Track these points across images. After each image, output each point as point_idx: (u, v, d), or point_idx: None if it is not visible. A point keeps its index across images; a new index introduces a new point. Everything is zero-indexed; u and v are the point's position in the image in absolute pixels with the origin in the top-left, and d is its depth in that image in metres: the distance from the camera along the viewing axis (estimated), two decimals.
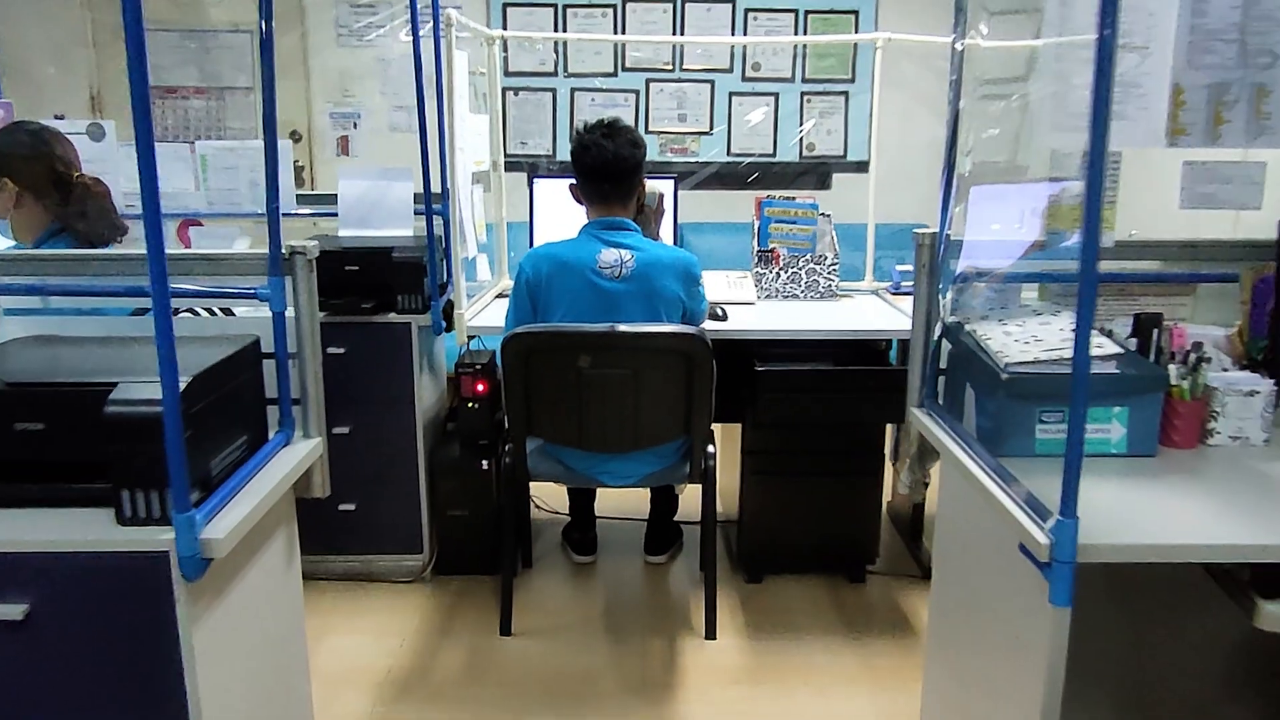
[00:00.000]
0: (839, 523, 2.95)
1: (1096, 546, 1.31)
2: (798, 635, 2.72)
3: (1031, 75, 1.82)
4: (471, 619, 2.80)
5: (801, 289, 3.21)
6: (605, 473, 2.59)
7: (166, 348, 1.24)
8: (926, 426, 1.85)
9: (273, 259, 1.62)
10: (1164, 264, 1.93)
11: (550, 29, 4.85)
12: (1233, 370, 1.73)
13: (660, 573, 3.11)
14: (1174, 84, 1.76)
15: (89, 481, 1.36)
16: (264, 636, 1.63)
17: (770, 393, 2.75)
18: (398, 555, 3.00)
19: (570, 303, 2.44)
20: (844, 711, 2.36)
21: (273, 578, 1.65)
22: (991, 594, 1.63)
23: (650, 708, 2.38)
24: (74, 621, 1.33)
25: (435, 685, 2.47)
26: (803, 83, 5.00)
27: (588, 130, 2.51)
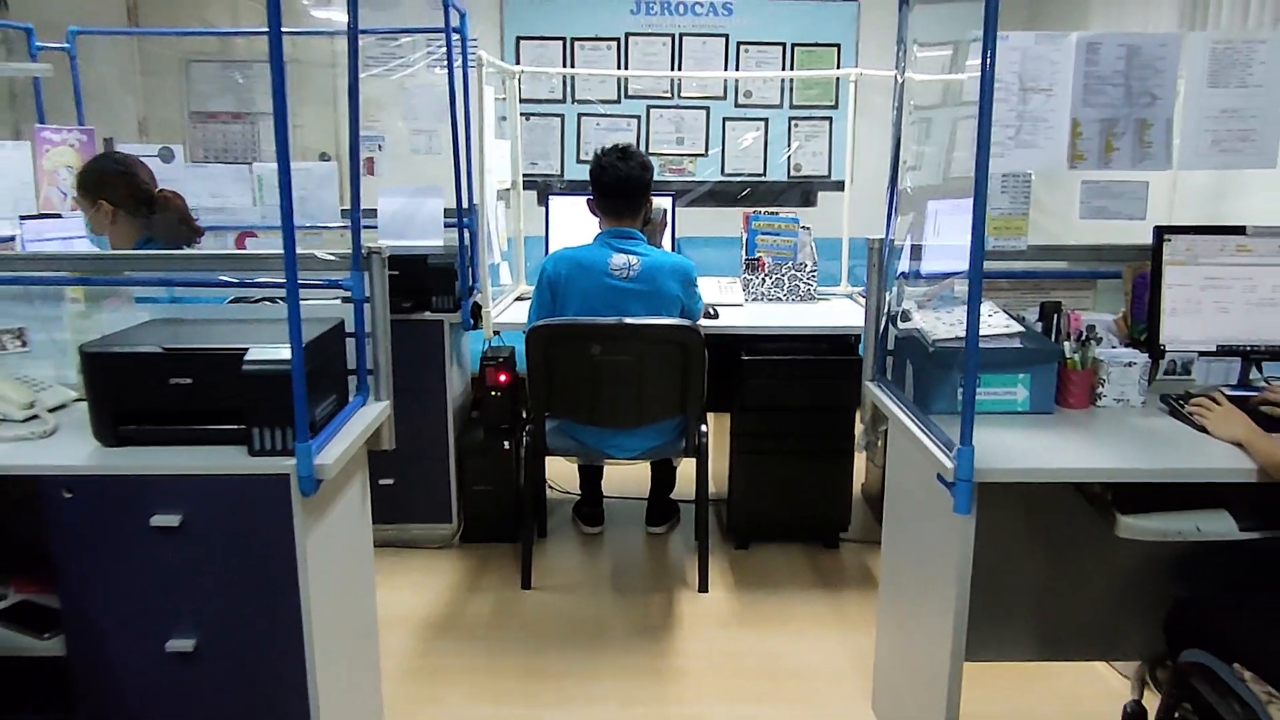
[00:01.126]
0: (816, 496, 3.36)
1: (991, 470, 1.74)
2: (779, 590, 3.14)
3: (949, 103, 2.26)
4: (496, 577, 3.22)
5: (784, 292, 3.64)
6: (613, 446, 3.01)
7: (295, 322, 1.68)
8: (877, 395, 2.28)
9: (355, 258, 2.05)
10: (1070, 263, 2.36)
11: (560, 60, 5.31)
12: (1119, 347, 2.16)
13: (660, 541, 3.53)
14: (1073, 119, 2.20)
15: (224, 424, 1.78)
16: (348, 551, 2.05)
17: (755, 379, 3.18)
18: (430, 524, 3.42)
19: (585, 299, 2.88)
20: (815, 647, 2.78)
21: (353, 508, 2.08)
22: (921, 523, 2.05)
23: (651, 644, 2.80)
24: (215, 528, 1.75)
25: (468, 627, 2.89)
26: (790, 109, 5.46)
27: (605, 154, 2.96)
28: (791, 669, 2.68)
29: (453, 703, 2.50)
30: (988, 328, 2.10)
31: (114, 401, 1.77)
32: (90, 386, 1.77)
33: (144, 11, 5.40)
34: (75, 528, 1.73)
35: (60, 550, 1.75)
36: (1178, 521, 1.79)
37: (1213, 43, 2.18)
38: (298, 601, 1.78)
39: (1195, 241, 2.16)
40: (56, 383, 2.10)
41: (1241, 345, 2.17)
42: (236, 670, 1.80)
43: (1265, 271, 2.15)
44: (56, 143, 3.34)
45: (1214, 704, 1.66)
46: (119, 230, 2.58)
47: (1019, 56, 2.18)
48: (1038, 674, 2.54)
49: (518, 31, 5.33)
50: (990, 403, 2.06)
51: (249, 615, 1.78)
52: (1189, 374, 2.18)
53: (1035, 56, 2.20)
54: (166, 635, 1.78)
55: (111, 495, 1.73)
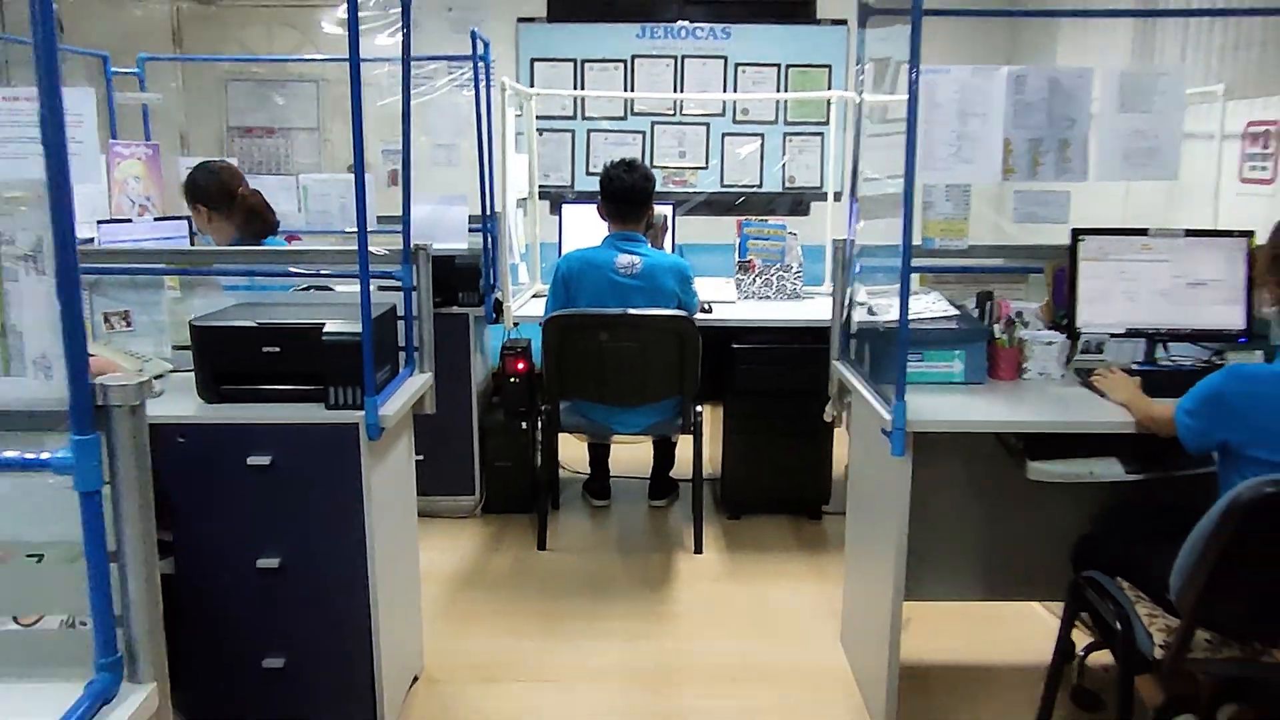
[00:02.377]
0: (800, 473, 3.77)
1: (923, 421, 2.16)
2: (765, 552, 3.55)
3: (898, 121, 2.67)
4: (515, 540, 3.64)
5: (773, 291, 4.06)
6: (619, 423, 3.44)
7: (365, 303, 2.11)
8: (841, 372, 2.70)
9: (405, 254, 2.48)
10: (1005, 260, 2.78)
11: (571, 80, 5.76)
12: (1042, 330, 2.58)
13: (660, 513, 3.95)
14: (1005, 139, 2.62)
15: (305, 385, 2.21)
16: (399, 493, 2.47)
17: (745, 366, 3.60)
18: (455, 496, 3.84)
19: (594, 293, 3.31)
20: (795, 597, 3.19)
21: (403, 459, 2.51)
22: (873, 474, 2.47)
23: (652, 593, 3.22)
24: (298, 467, 2.17)
25: (491, 581, 3.31)
26: (785, 125, 5.90)
27: (612, 167, 3.39)
28: (773, 613, 3.10)
29: (480, 637, 2.92)
30: (930, 312, 2.52)
31: (217, 365, 2.20)
32: (198, 353, 2.20)
33: (187, 35, 5.86)
34: (186, 466, 2.16)
35: (173, 486, 2.17)
36: (1076, 466, 2.21)
37: (1121, 74, 2.60)
38: (363, 527, 2.20)
39: (1106, 241, 2.58)
40: (156, 357, 2.53)
41: (1145, 328, 2.58)
42: (313, 583, 2.22)
43: (1164, 266, 2.57)
44: (126, 156, 3.77)
45: (1098, 607, 2.08)
46: (216, 228, 3.03)
47: (958, 87, 2.60)
48: (984, 615, 2.94)
49: (532, 54, 5.78)
50: (932, 374, 2.47)
51: (323, 537, 2.20)
52: (1102, 353, 2.59)
53: (972, 87, 2.62)
54: (257, 555, 2.20)
55: (216, 440, 2.16)
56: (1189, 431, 1.94)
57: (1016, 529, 2.68)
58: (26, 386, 1.02)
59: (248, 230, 3.02)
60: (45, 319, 1.01)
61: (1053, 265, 2.64)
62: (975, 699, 2.59)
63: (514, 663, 2.78)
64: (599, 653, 2.84)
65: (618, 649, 2.87)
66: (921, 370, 2.46)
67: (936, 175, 2.63)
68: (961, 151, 2.63)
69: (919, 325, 2.48)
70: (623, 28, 5.78)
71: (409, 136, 2.49)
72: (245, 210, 3.02)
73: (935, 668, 2.74)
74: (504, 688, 2.65)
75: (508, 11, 5.72)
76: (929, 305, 2.55)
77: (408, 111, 2.47)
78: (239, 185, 3.11)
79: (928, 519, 2.58)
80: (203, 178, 3.03)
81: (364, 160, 2.11)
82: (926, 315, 2.51)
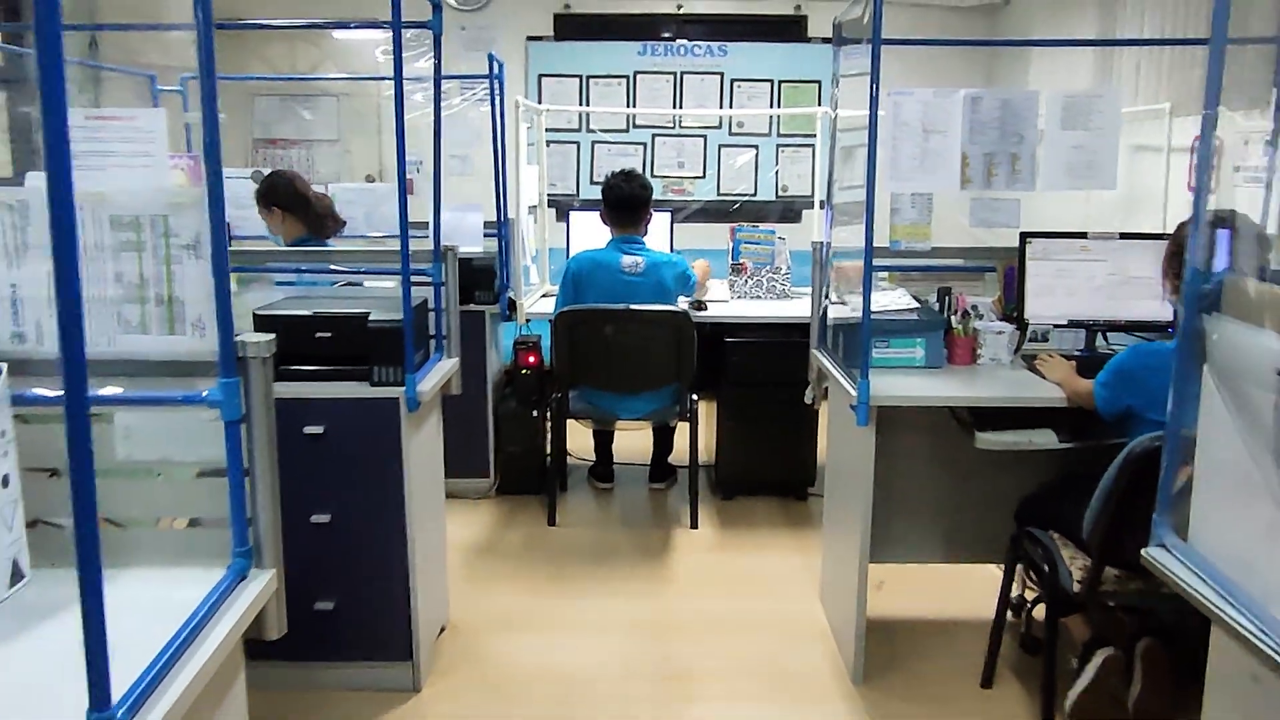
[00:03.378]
0: (787, 457, 4.12)
1: (885, 396, 2.52)
2: (755, 528, 3.90)
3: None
4: (527, 518, 3.99)
5: (762, 291, 4.42)
6: (622, 408, 3.79)
7: (406, 296, 2.46)
8: (819, 359, 3.05)
9: (435, 253, 2.84)
10: (965, 260, 3.14)
11: (576, 94, 6.13)
12: (994, 321, 2.93)
13: (660, 495, 4.30)
14: (963, 153, 2.98)
15: (351, 365, 2.56)
16: (430, 462, 2.82)
17: (736, 358, 3.96)
18: (471, 478, 4.19)
19: (601, 290, 3.67)
20: (780, 564, 3.54)
21: (433, 432, 2.86)
22: (844, 446, 2.82)
23: (652, 561, 3.57)
24: (347, 435, 2.52)
25: (506, 551, 3.66)
26: (778, 137, 6.27)
27: (614, 176, 3.75)
28: (760, 577, 3.45)
29: (499, 595, 3.27)
30: (896, 305, 2.88)
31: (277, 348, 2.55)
32: None
33: None
34: None
35: None
36: (1016, 436, 2.56)
37: (1064, 97, 2.96)
38: (402, 488, 2.55)
39: (1050, 244, 2.94)
40: None
41: (1085, 320, 2.94)
42: (358, 537, 2.58)
43: (1101, 265, 2.93)
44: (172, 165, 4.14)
45: (1030, 554, 2.43)
46: (287, 228, 3.39)
47: (922, 107, 2.96)
48: (947, 577, 3.28)
49: (540, 70, 6.16)
50: (896, 359, 2.83)
51: (368, 497, 2.56)
52: (1047, 341, 2.94)
53: (934, 107, 2.98)
54: (311, 511, 2.55)
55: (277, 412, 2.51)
56: (1102, 400, 2.29)
57: (973, 498, 3.02)
58: (186, 343, 1.38)
59: (319, 230, 3.39)
60: (201, 291, 1.36)
61: (1004, 264, 3.00)
62: (934, 647, 2.94)
63: (529, 616, 3.13)
64: (604, 608, 3.19)
65: (621, 605, 3.22)
66: (887, 356, 2.81)
67: (902, 185, 2.99)
68: (925, 164, 2.99)
69: (885, 317, 2.83)
70: (625, 45, 6.15)
71: (439, 153, 2.85)
72: (319, 213, 3.40)
73: (901, 621, 3.09)
74: (520, 637, 3.00)
75: (517, 30, 6.10)
76: (895, 299, 2.91)
77: (439, 130, 2.83)
78: (310, 190, 3.48)
79: (893, 491, 2.93)
80: (280, 183, 3.40)
81: (405, 173, 2.47)
82: (892, 308, 2.86)
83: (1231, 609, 1.38)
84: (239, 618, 1.33)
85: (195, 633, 1.24)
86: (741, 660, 2.88)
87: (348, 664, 2.65)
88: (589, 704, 2.65)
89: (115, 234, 1.36)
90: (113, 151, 2.16)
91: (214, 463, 1.41)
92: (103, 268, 1.36)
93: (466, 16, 6.04)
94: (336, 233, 3.47)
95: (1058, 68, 5.08)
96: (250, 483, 1.43)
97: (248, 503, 1.43)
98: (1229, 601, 1.39)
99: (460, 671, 2.80)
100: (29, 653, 1.25)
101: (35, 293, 1.38)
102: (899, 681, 2.74)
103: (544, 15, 6.16)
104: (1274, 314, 1.36)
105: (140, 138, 2.22)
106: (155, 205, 1.34)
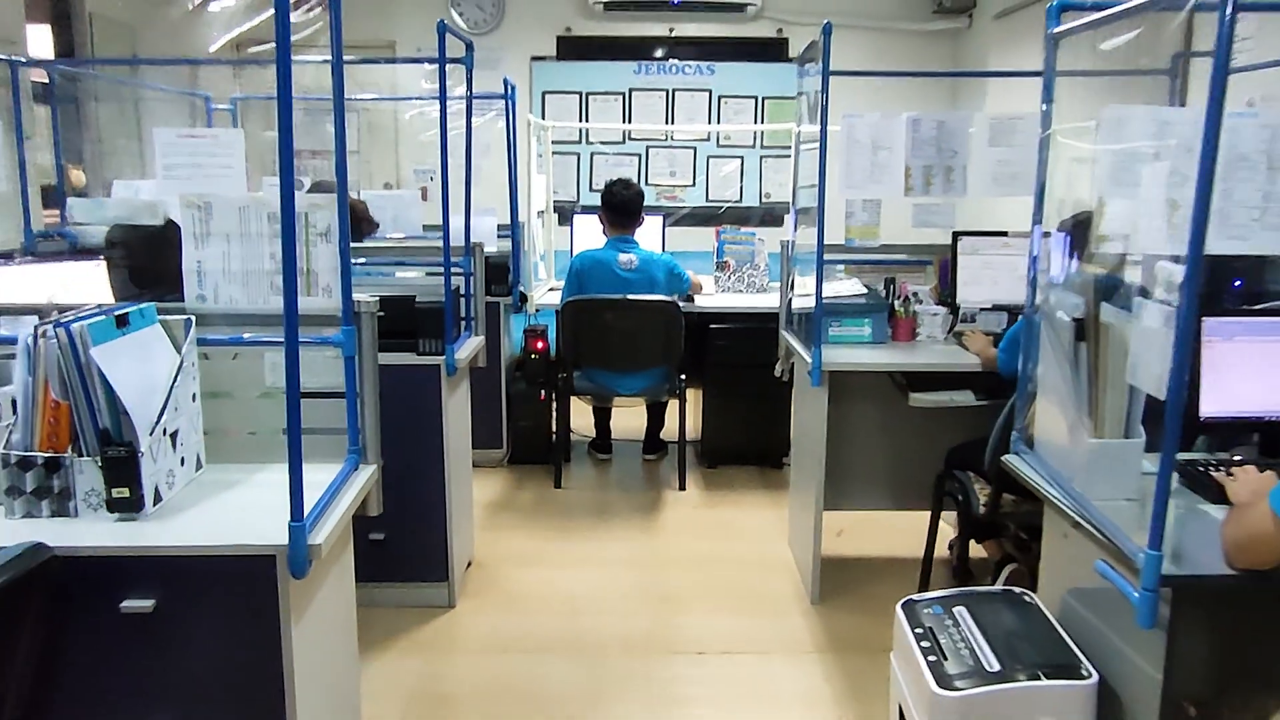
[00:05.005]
0: (765, 430, 4.70)
1: (833, 363, 3.10)
2: (735, 490, 4.48)
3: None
4: (535, 483, 4.56)
5: (744, 285, 5.01)
6: (620, 385, 4.37)
7: (448, 283, 3.04)
8: (786, 338, 3.64)
9: (466, 249, 3.42)
10: (908, 254, 3.74)
11: (577, 110, 6.73)
12: (931, 305, 3.52)
13: (652, 465, 4.88)
14: (906, 165, 3.57)
15: (400, 338, 3.13)
16: (462, 419, 3.40)
17: (720, 343, 4.54)
18: (486, 450, 4.75)
19: (602, 283, 4.25)
20: (756, 518, 4.12)
21: (464, 394, 3.44)
22: (804, 410, 3.40)
23: (645, 515, 4.15)
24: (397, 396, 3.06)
25: (516, 508, 4.24)
26: (761, 148, 6.87)
27: (612, 184, 4.34)
28: (738, 527, 4.03)
29: (514, 539, 3.85)
30: (848, 292, 3.47)
31: None
32: None
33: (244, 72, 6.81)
34: None
35: None
36: (940, 395, 3.15)
37: (990, 118, 3.55)
38: (442, 438, 3.13)
39: (977, 241, 3.53)
40: None
41: (1006, 304, 3.52)
42: (405, 479, 3.14)
43: (1020, 259, 3.51)
44: None
45: (951, 490, 3.01)
46: None
47: (871, 127, 3.55)
48: (896, 523, 3.85)
49: (544, 87, 6.75)
50: (848, 336, 3.41)
51: (413, 445, 3.12)
52: (975, 321, 3.53)
53: (881, 127, 3.57)
54: None
55: None
56: (1001, 364, 2.88)
57: (914, 453, 3.60)
58: (318, 302, 1.95)
59: (356, 232, 3.97)
60: (329, 265, 1.94)
61: (939, 258, 3.59)
62: (879, 578, 3.52)
63: (541, 555, 3.71)
64: (605, 549, 3.78)
65: (618, 546, 3.80)
66: (840, 334, 3.39)
67: (855, 192, 3.58)
68: (874, 175, 3.58)
69: (839, 301, 3.42)
70: (621, 65, 6.75)
71: (470, 165, 3.42)
72: (357, 217, 3.97)
73: (854, 559, 3.67)
74: (534, 570, 3.58)
75: (523, 51, 6.69)
76: (848, 287, 3.50)
77: (469, 145, 3.41)
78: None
79: (847, 450, 3.52)
80: (323, 189, 3.97)
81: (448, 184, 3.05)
82: (845, 294, 3.45)
83: (1052, 488, 1.96)
84: (355, 492, 1.91)
85: (334, 495, 1.82)
86: (720, 586, 3.46)
87: (397, 584, 3.22)
88: (594, 615, 3.23)
89: (271, 226, 1.94)
90: (201, 164, 2.73)
91: (333, 388, 1.99)
92: (263, 249, 1.94)
93: (477, 39, 6.62)
94: (370, 234, 4.03)
95: (1011, 85, 5.67)
96: (360, 402, 2.01)
97: (359, 416, 2.01)
98: (1050, 483, 1.98)
99: (486, 594, 3.38)
100: (222, 506, 1.82)
101: (213, 267, 1.95)
102: (847, 602, 3.32)
103: (548, 37, 6.75)
104: (1080, 284, 1.95)
105: (223, 152, 2.75)
106: (300, 206, 1.91)
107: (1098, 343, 1.83)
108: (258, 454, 2.06)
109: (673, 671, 2.89)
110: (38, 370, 1.68)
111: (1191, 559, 1.59)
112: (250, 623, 1.62)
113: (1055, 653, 1.81)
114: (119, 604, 1.59)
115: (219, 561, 1.62)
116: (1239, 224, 2.20)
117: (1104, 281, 1.87)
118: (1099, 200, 2.08)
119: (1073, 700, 1.72)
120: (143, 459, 1.69)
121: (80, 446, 1.71)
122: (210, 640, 1.64)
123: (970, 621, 1.94)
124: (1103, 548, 1.70)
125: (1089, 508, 1.78)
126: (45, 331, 1.68)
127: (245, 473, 1.98)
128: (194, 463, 1.93)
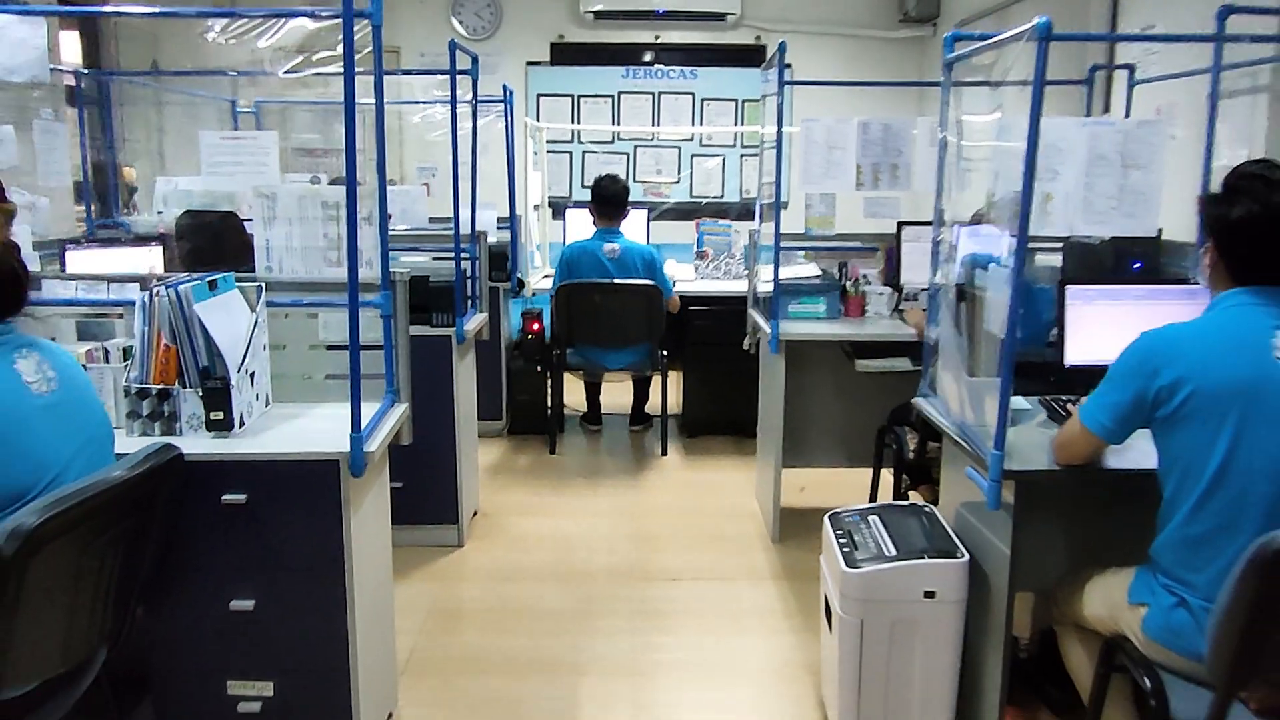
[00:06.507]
0: (739, 403, 5.19)
1: (790, 333, 3.61)
2: (711, 456, 5.00)
3: None
4: (533, 450, 5.07)
5: (721, 273, 5.52)
6: (608, 360, 4.89)
7: (458, 265, 3.55)
8: (753, 315, 4.15)
9: (472, 237, 3.93)
10: (861, 242, 4.25)
11: (569, 112, 7.23)
12: (879, 285, 4.03)
13: (638, 435, 5.39)
14: (857, 163, 4.08)
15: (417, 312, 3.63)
16: (469, 382, 3.90)
17: (699, 324, 5.06)
18: (488, 421, 5.25)
19: (589, 269, 4.76)
20: (729, 479, 4.64)
21: (470, 364, 3.94)
22: (768, 379, 3.91)
23: (631, 475, 4.66)
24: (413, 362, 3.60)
25: (515, 471, 4.75)
26: (741, 148, 7.37)
27: (601, 178, 4.85)
28: (712, 484, 4.55)
29: (515, 494, 4.36)
30: (806, 274, 3.98)
31: None
32: None
33: None
34: None
35: None
36: (881, 362, 3.66)
37: (930, 122, 4.06)
38: (452, 399, 3.63)
39: (919, 230, 4.04)
40: None
41: None
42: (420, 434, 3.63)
43: None
44: None
45: (889, 443, 3.53)
46: None
47: (826, 130, 4.06)
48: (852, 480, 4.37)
49: (538, 90, 7.25)
50: (805, 313, 3.92)
51: (428, 404, 3.61)
52: (917, 300, 4.04)
53: (835, 130, 4.08)
54: None
55: None
56: None
57: (864, 415, 4.11)
58: (362, 273, 2.45)
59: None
60: (371, 243, 2.44)
61: (886, 244, 4.11)
62: None
63: (538, 506, 4.22)
64: (594, 502, 4.29)
65: (606, 500, 4.31)
66: (799, 310, 3.91)
67: (813, 187, 4.10)
68: (829, 171, 4.09)
69: (798, 282, 3.93)
70: (611, 70, 7.25)
71: (476, 163, 3.92)
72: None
73: (811, 509, 4.18)
74: (533, 518, 4.09)
75: (518, 57, 7.19)
76: (806, 270, 4.01)
77: (475, 146, 3.91)
78: None
79: (804, 413, 4.03)
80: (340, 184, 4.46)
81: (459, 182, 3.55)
82: (803, 275, 3.96)
83: (945, 420, 2.48)
84: (393, 422, 2.42)
85: (379, 421, 2.33)
86: (694, 530, 3.97)
87: (411, 526, 3.72)
88: (584, 552, 3.74)
89: (325, 210, 2.44)
90: (242, 161, 3.21)
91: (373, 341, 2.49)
92: (317, 230, 2.44)
93: (476, 45, 7.12)
94: None
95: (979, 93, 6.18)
96: (394, 352, 2.51)
97: (394, 363, 2.51)
98: (944, 417, 2.49)
99: (491, 536, 3.89)
100: (292, 428, 2.33)
101: (278, 244, 2.45)
102: (802, 541, 3.83)
103: (542, 44, 7.25)
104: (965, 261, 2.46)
105: (260, 151, 3.21)
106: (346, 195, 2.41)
107: (972, 303, 2.34)
108: (310, 394, 2.57)
109: (651, 593, 3.40)
110: (153, 321, 2.18)
111: (1033, 461, 2.11)
112: (320, 511, 2.13)
113: (940, 543, 2.33)
114: (220, 497, 2.10)
115: (296, 465, 2.12)
116: (1100, 211, 2.73)
117: (980, 258, 2.39)
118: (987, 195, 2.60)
119: (948, 574, 2.23)
120: (234, 390, 2.19)
121: (185, 380, 2.21)
122: (289, 525, 2.14)
123: (880, 525, 2.45)
124: (973, 460, 2.22)
125: (966, 430, 2.30)
126: (158, 291, 2.18)
127: (302, 409, 2.49)
128: (264, 399, 2.43)
